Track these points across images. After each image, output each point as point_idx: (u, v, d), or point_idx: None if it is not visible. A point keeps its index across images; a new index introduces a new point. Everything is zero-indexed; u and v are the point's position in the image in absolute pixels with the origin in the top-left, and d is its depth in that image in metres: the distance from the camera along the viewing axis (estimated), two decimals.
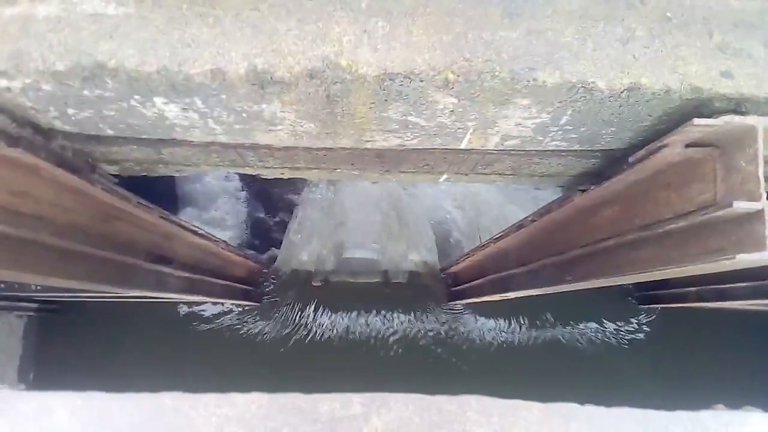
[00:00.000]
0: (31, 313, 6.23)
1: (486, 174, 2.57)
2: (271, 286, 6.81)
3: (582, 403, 1.45)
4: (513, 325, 6.89)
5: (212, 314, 6.72)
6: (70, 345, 6.45)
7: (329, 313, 6.79)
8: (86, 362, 6.28)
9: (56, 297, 5.76)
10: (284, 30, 1.62)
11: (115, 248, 2.75)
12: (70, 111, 1.77)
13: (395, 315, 6.83)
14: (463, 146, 2.13)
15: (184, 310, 6.68)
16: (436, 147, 2.19)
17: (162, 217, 3.18)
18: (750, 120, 1.63)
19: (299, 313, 6.77)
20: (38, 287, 5.20)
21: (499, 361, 6.78)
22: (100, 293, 4.50)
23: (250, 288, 6.19)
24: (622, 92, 1.68)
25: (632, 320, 6.99)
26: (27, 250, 2.09)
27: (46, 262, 2.23)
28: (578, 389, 6.58)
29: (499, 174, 2.56)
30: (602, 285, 2.78)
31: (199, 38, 1.59)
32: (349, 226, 6.84)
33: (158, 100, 1.71)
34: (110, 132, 1.97)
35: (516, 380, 6.70)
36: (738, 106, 1.72)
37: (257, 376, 6.33)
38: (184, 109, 1.77)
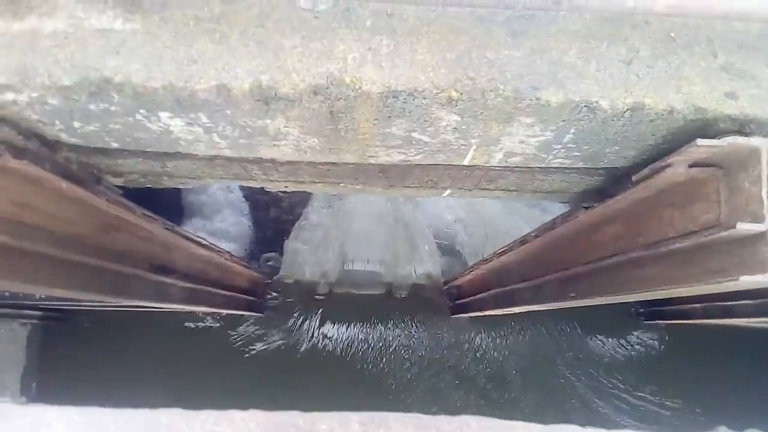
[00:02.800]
0: (35, 321, 6.22)
1: (489, 190, 2.57)
2: (274, 297, 6.80)
3: (583, 425, 1.44)
4: (515, 341, 6.84)
5: (214, 325, 6.71)
6: (74, 354, 6.43)
7: (331, 325, 6.77)
8: (89, 372, 6.26)
9: (60, 305, 5.77)
10: (289, 47, 1.63)
11: (118, 259, 2.75)
12: (76, 124, 1.78)
13: (398, 328, 6.80)
14: (466, 162, 2.14)
15: (186, 319, 6.66)
16: (439, 163, 2.19)
17: (166, 228, 3.19)
18: (754, 141, 1.63)
19: (301, 324, 6.76)
20: (42, 296, 5.21)
21: (501, 376, 6.74)
22: (104, 302, 4.50)
23: (253, 299, 6.18)
24: (625, 112, 1.68)
25: (636, 337, 6.93)
26: (30, 261, 2.10)
27: (48, 273, 2.24)
28: (579, 408, 6.55)
29: (503, 190, 2.56)
30: (606, 302, 2.76)
31: (205, 54, 1.60)
32: (353, 237, 6.84)
33: (163, 115, 1.72)
34: (115, 145, 1.99)
35: (517, 397, 6.66)
36: (742, 127, 1.71)
37: (257, 391, 6.32)
38: (189, 123, 1.78)
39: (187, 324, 6.66)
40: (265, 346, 6.69)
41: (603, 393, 6.68)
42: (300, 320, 6.76)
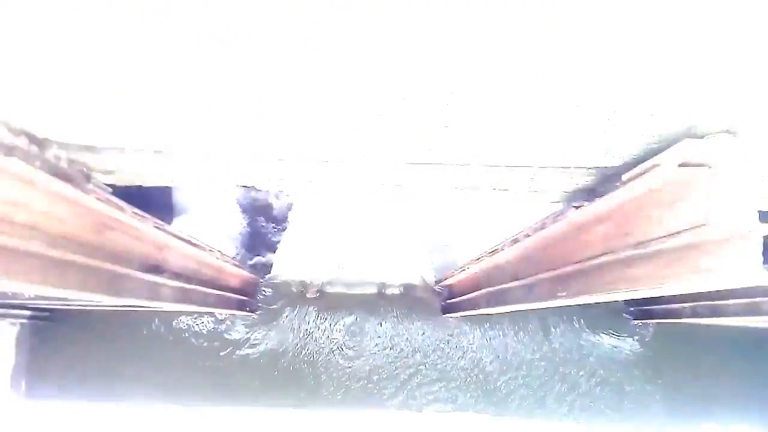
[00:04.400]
0: (24, 321, 6.19)
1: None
2: (266, 297, 6.78)
3: (572, 421, 1.45)
4: (507, 339, 6.86)
5: (205, 325, 6.68)
6: (64, 353, 6.39)
7: (323, 324, 6.76)
8: (78, 370, 6.23)
9: (50, 304, 5.73)
10: None
11: (108, 258, 2.73)
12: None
13: (390, 327, 6.80)
14: None
15: (176, 319, 6.63)
16: None
17: (156, 227, 3.16)
18: (741, 141, 1.64)
19: (293, 323, 6.74)
20: (31, 295, 5.16)
21: (492, 374, 6.75)
22: (94, 302, 4.47)
23: (245, 298, 6.16)
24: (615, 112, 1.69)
25: (625, 336, 6.96)
26: (20, 259, 2.08)
27: (38, 271, 2.22)
28: (568, 405, 6.58)
29: (493, 189, 2.57)
30: (595, 301, 2.78)
31: None
32: (344, 237, 6.83)
33: None
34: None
35: (507, 394, 6.67)
36: (730, 127, 1.73)
37: (246, 389, 6.29)
38: None
39: (176, 323, 6.63)
40: (255, 345, 6.67)
41: (592, 390, 6.71)
42: (291, 319, 6.75)
